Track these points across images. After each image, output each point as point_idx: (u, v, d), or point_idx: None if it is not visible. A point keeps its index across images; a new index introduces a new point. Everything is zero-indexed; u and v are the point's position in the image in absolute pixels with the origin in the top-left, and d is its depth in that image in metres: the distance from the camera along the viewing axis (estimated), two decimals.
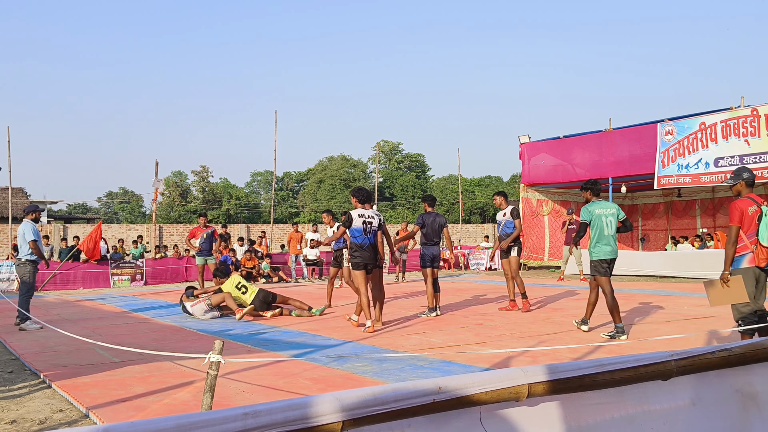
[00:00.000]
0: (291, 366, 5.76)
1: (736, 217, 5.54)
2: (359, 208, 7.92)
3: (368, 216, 7.85)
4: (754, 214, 5.50)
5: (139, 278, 17.27)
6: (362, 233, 7.77)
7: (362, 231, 7.77)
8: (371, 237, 7.85)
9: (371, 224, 7.83)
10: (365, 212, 7.86)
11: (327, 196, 55.84)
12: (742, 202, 5.60)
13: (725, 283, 5.53)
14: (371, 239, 7.85)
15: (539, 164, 19.21)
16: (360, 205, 7.94)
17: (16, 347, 7.04)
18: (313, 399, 1.53)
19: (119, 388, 4.94)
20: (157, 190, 20.11)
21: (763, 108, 14.20)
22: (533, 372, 1.87)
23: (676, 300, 10.86)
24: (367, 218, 7.82)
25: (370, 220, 7.84)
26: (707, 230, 19.65)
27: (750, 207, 5.53)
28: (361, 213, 7.83)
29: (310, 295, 13.12)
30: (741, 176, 5.67)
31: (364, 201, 7.98)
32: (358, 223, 7.76)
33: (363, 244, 7.80)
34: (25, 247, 8.79)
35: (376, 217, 7.94)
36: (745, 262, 5.59)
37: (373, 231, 7.87)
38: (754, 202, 5.57)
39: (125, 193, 68.81)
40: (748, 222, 5.51)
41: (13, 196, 25.62)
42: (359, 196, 8.00)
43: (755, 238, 5.48)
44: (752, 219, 5.50)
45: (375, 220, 7.89)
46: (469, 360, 5.89)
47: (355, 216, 7.79)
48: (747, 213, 5.52)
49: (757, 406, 2.36)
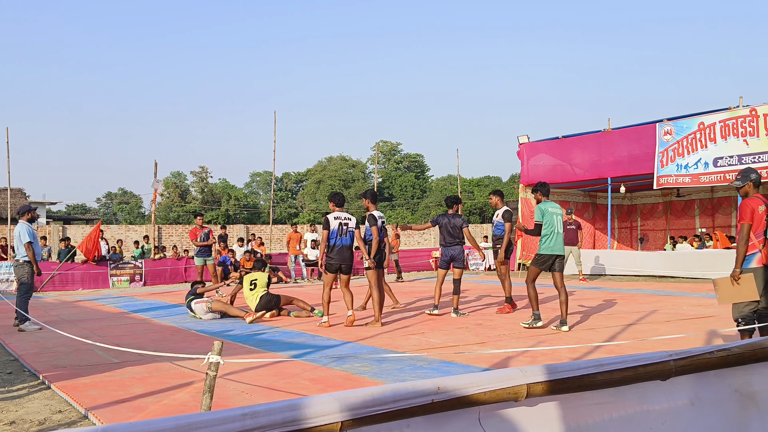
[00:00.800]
0: (290, 366, 5.76)
1: (747, 215, 5.57)
2: (336, 211, 8.23)
3: (344, 218, 8.19)
4: (764, 213, 5.56)
5: (138, 279, 17.27)
6: (336, 235, 8.11)
7: (336, 233, 8.11)
8: (345, 239, 8.19)
9: (347, 226, 8.18)
10: (341, 215, 8.20)
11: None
12: (753, 201, 5.65)
13: (736, 281, 5.53)
14: (345, 241, 8.18)
15: (538, 164, 19.21)
16: (337, 208, 8.25)
17: (15, 348, 7.04)
18: (312, 399, 1.53)
19: (118, 389, 4.94)
20: (156, 190, 20.09)
21: (762, 108, 14.21)
22: (532, 372, 1.88)
23: (675, 300, 10.87)
24: (342, 220, 8.16)
25: (346, 222, 8.18)
26: (706, 230, 19.65)
27: (760, 206, 5.60)
28: (336, 215, 8.17)
29: (309, 295, 13.12)
30: (749, 177, 5.77)
31: (339, 204, 8.28)
32: (335, 225, 8.08)
33: (337, 245, 8.12)
34: (22, 249, 8.79)
35: (353, 219, 8.28)
36: (755, 262, 5.60)
37: (349, 233, 8.22)
38: (763, 202, 5.64)
39: (124, 193, 68.77)
40: (758, 221, 5.57)
41: (12, 197, 25.60)
42: (335, 200, 8.32)
43: (763, 237, 5.52)
44: (761, 218, 5.56)
45: (351, 222, 8.24)
46: (468, 360, 5.89)
47: (331, 219, 8.11)
48: (757, 212, 5.58)
49: (755, 405, 2.36)
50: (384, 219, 8.70)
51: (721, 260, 15.04)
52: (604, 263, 17.24)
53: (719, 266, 14.96)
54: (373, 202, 8.70)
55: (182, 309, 10.87)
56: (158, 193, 20.52)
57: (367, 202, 8.71)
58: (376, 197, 8.84)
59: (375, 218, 8.45)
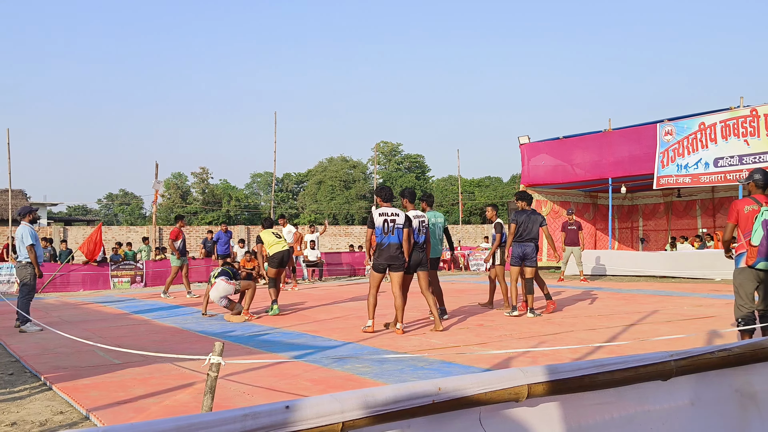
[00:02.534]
0: (291, 367, 5.76)
1: (732, 215, 5.84)
2: (383, 206, 7.73)
3: (391, 214, 7.62)
4: (750, 213, 5.62)
5: (139, 280, 17.28)
6: (382, 233, 7.58)
7: (382, 231, 7.57)
8: (393, 236, 7.59)
9: (394, 222, 7.59)
10: (387, 210, 7.64)
11: (327, 197, 55.84)
12: (740, 202, 5.81)
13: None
14: (393, 239, 7.58)
15: (539, 165, 19.21)
16: (384, 203, 7.75)
17: (16, 349, 7.05)
18: (313, 400, 1.53)
19: (119, 390, 4.94)
20: (157, 191, 20.12)
21: (763, 108, 14.20)
22: (533, 373, 1.88)
23: (676, 300, 10.87)
24: (389, 216, 7.60)
25: (393, 218, 7.60)
26: (707, 230, 19.64)
27: (747, 206, 5.69)
28: (382, 211, 7.63)
29: (310, 295, 13.13)
30: (752, 177, 5.89)
31: (386, 199, 7.78)
32: (379, 222, 7.57)
33: (383, 243, 7.63)
34: (24, 250, 8.79)
35: (401, 215, 7.70)
36: (743, 262, 5.68)
37: (397, 230, 7.60)
38: (755, 202, 5.67)
39: (125, 194, 68.79)
40: (744, 221, 5.65)
41: (13, 198, 25.62)
42: (382, 195, 7.81)
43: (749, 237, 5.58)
44: (748, 218, 5.63)
45: (399, 217, 7.64)
46: (469, 361, 5.89)
47: (375, 215, 7.61)
48: (743, 212, 5.70)
49: (756, 405, 2.36)
50: (424, 219, 8.12)
51: (721, 260, 15.04)
52: (604, 263, 17.25)
53: (720, 266, 14.95)
54: (410, 200, 8.25)
55: (184, 310, 10.88)
56: (159, 194, 20.55)
57: (405, 201, 8.27)
58: (414, 195, 8.33)
59: (410, 219, 7.79)
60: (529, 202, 9.43)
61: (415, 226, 7.84)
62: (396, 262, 7.64)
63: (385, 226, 7.61)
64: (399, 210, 7.82)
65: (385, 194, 7.82)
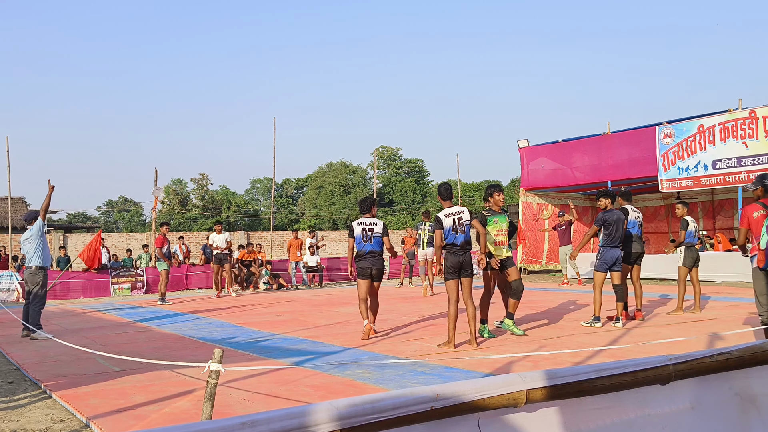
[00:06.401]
0: (292, 373, 5.75)
1: (743, 221, 6.14)
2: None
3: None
4: (759, 218, 5.89)
5: (139, 286, 17.27)
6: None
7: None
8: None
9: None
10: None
11: (326, 202, 55.86)
12: (750, 208, 6.07)
13: None
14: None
15: (538, 168, 19.23)
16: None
17: (16, 357, 7.04)
18: (311, 408, 1.53)
19: (120, 398, 4.94)
20: (156, 198, 20.11)
21: (761, 110, 14.23)
22: (531, 378, 1.87)
23: (676, 302, 10.83)
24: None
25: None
26: (707, 233, 19.63)
27: (756, 212, 6.04)
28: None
29: (310, 301, 13.12)
30: (761, 182, 6.13)
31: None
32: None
33: (363, 251, 7.81)
34: (31, 254, 8.53)
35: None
36: (755, 263, 5.96)
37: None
38: (763, 207, 5.95)
39: (125, 201, 68.76)
40: (755, 225, 5.93)
41: (13, 206, 25.64)
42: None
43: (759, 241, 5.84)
44: (758, 223, 5.88)
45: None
46: (469, 365, 5.89)
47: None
48: (752, 217, 6.00)
49: (756, 409, 2.36)
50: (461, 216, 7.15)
51: (722, 262, 15.03)
52: None
53: (720, 268, 14.96)
54: (444, 198, 7.33)
55: (184, 317, 10.87)
56: (159, 200, 20.55)
57: (439, 199, 7.46)
58: (448, 191, 7.38)
59: (440, 221, 7.10)
60: (614, 200, 8.54)
61: (448, 226, 7.05)
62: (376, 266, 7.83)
63: (363, 234, 7.84)
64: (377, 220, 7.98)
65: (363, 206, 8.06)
